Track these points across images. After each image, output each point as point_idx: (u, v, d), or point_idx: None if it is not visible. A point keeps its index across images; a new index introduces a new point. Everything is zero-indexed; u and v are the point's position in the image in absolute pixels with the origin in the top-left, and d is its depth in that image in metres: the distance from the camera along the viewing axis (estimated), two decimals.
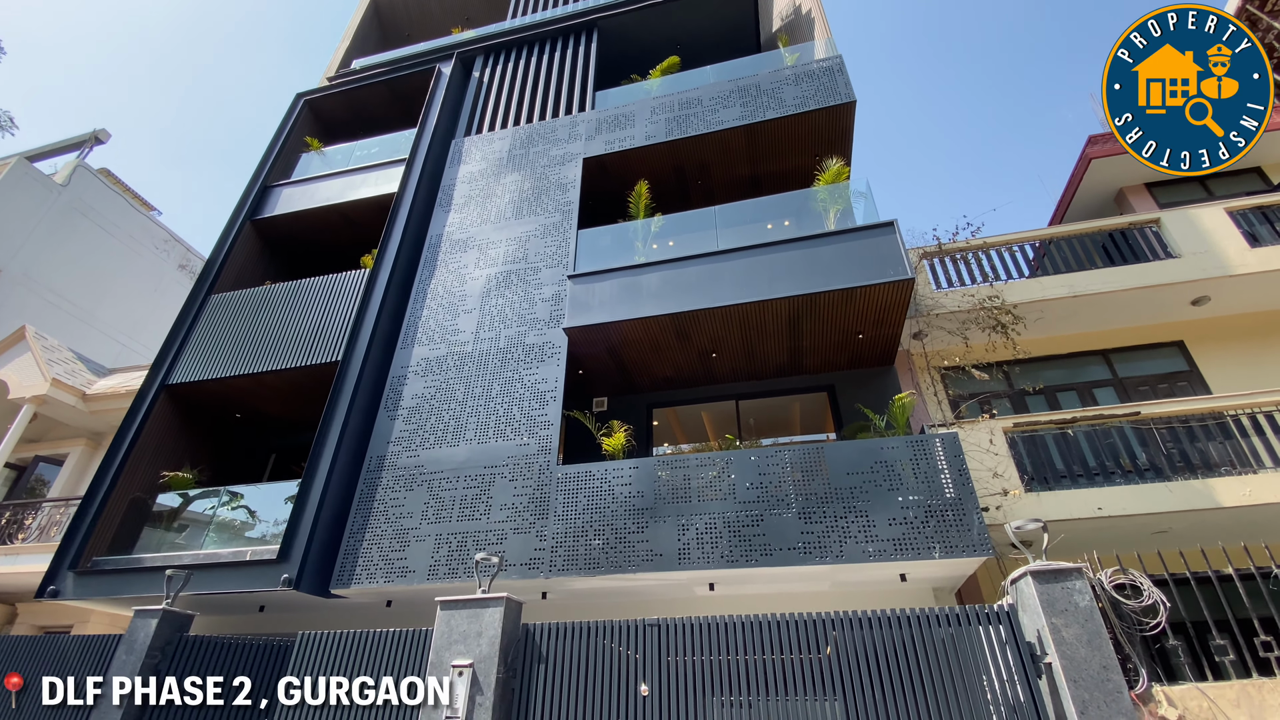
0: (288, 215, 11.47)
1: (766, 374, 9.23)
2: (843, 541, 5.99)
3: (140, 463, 9.14)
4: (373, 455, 8.00)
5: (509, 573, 6.64)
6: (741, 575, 6.39)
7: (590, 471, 7.04)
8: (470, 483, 7.38)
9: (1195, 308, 8.84)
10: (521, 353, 8.30)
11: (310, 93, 13.71)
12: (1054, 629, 3.99)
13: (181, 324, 10.16)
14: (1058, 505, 6.47)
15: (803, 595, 6.99)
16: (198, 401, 9.89)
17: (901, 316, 7.90)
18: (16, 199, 18.03)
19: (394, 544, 7.18)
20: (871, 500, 6.15)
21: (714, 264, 8.14)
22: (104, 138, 21.04)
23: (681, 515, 6.51)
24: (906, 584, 6.48)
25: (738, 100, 10.02)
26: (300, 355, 9.11)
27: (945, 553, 5.71)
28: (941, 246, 9.52)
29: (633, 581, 6.65)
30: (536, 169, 10.40)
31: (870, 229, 7.77)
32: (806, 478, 6.44)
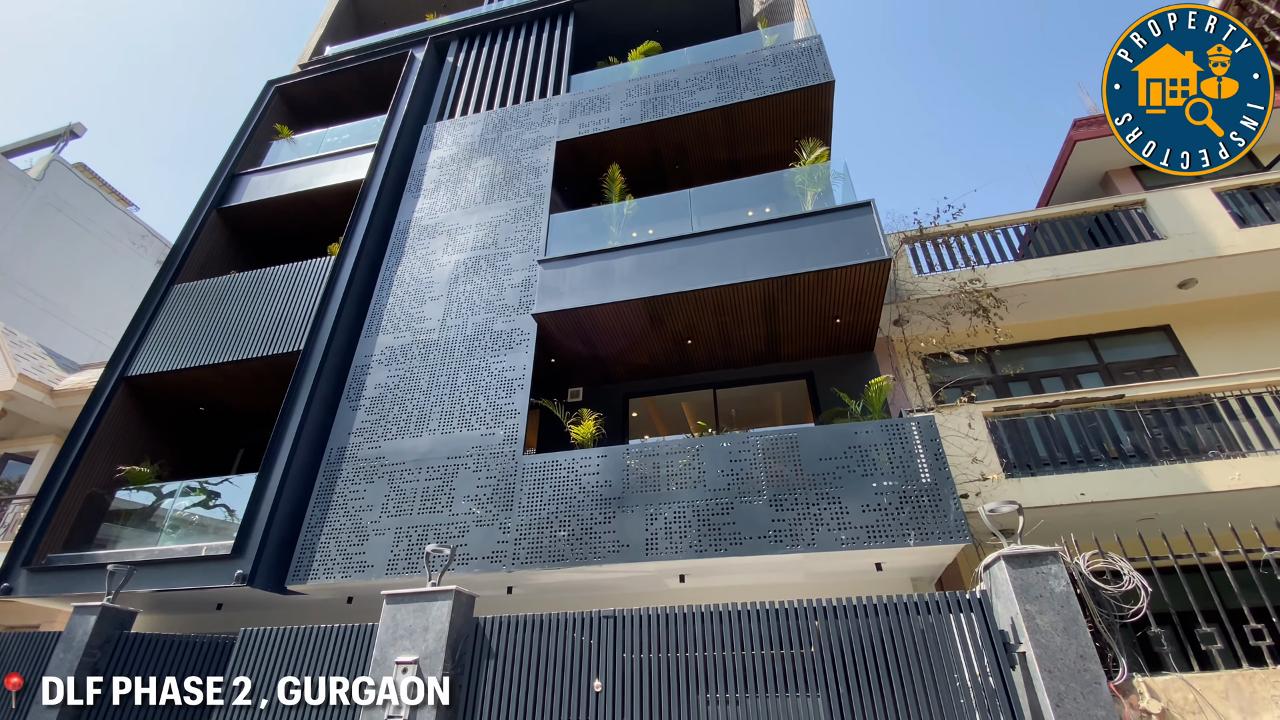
0: (255, 203, 11.16)
1: (744, 362, 8.97)
2: (815, 529, 5.74)
3: (98, 457, 8.82)
4: (333, 447, 7.71)
5: (471, 566, 6.36)
6: (712, 566, 6.13)
7: (557, 461, 6.77)
8: (433, 474, 7.10)
9: (1182, 291, 8.62)
10: (489, 340, 8.01)
11: (281, 80, 13.37)
12: (1028, 616, 3.74)
13: (142, 315, 9.84)
14: (1039, 491, 6.23)
15: (776, 587, 6.73)
16: (159, 394, 9.56)
17: (880, 300, 7.65)
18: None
19: (352, 538, 6.89)
20: (845, 487, 5.90)
21: (687, 247, 7.87)
22: (79, 131, 20.64)
23: (650, 505, 6.25)
24: (883, 574, 6.23)
25: (714, 82, 9.76)
26: (262, 345, 8.80)
27: (920, 540, 5.45)
28: (923, 230, 9.28)
29: (600, 574, 6.38)
30: (509, 153, 10.11)
31: (847, 209, 7.52)
32: (779, 464, 6.18)
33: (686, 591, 6.81)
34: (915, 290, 8.72)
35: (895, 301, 8.68)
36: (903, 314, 8.73)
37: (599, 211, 8.97)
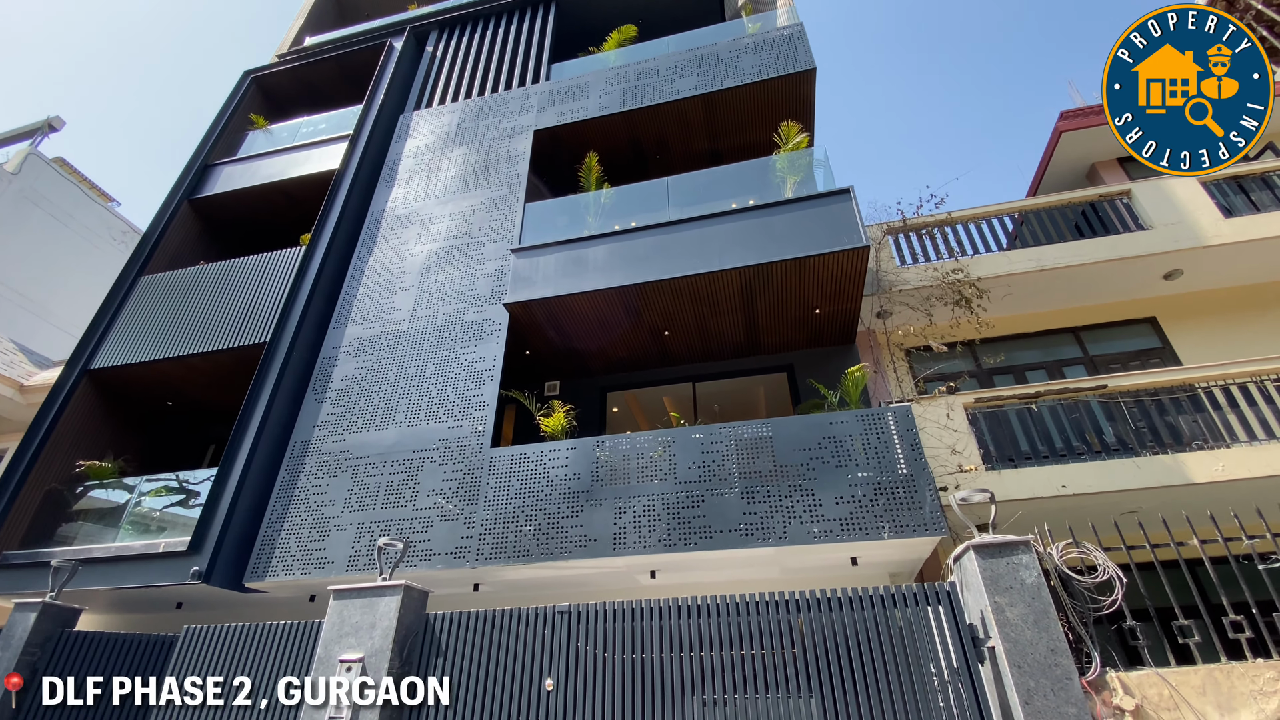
0: (227, 194, 10.92)
1: (723, 354, 8.78)
2: (787, 522, 5.55)
3: (58, 453, 8.56)
4: (297, 440, 7.48)
5: (434, 562, 6.14)
6: (683, 561, 5.93)
7: (525, 454, 6.56)
8: (397, 468, 6.87)
9: (1168, 282, 8.48)
10: (459, 331, 7.80)
11: (258, 70, 13.13)
12: (997, 609, 3.55)
13: (108, 307, 9.57)
14: (1019, 483, 6.06)
15: (751, 583, 6.54)
16: (124, 388, 9.31)
17: (859, 289, 7.48)
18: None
19: (314, 533, 6.66)
20: (819, 478, 5.71)
21: (663, 235, 7.68)
22: (58, 125, 20.31)
23: (619, 498, 6.05)
24: (859, 569, 6.04)
25: (695, 70, 9.58)
26: (228, 337, 8.56)
27: (895, 532, 5.27)
28: (906, 221, 9.12)
29: (568, 570, 6.17)
30: (485, 142, 9.90)
31: (825, 196, 7.35)
32: (751, 456, 5.99)
33: (658, 588, 6.61)
34: (898, 281, 8.56)
35: (877, 293, 8.52)
36: (885, 306, 8.56)
37: (575, 200, 8.78)
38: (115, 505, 8.12)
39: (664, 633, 4.21)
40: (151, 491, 7.99)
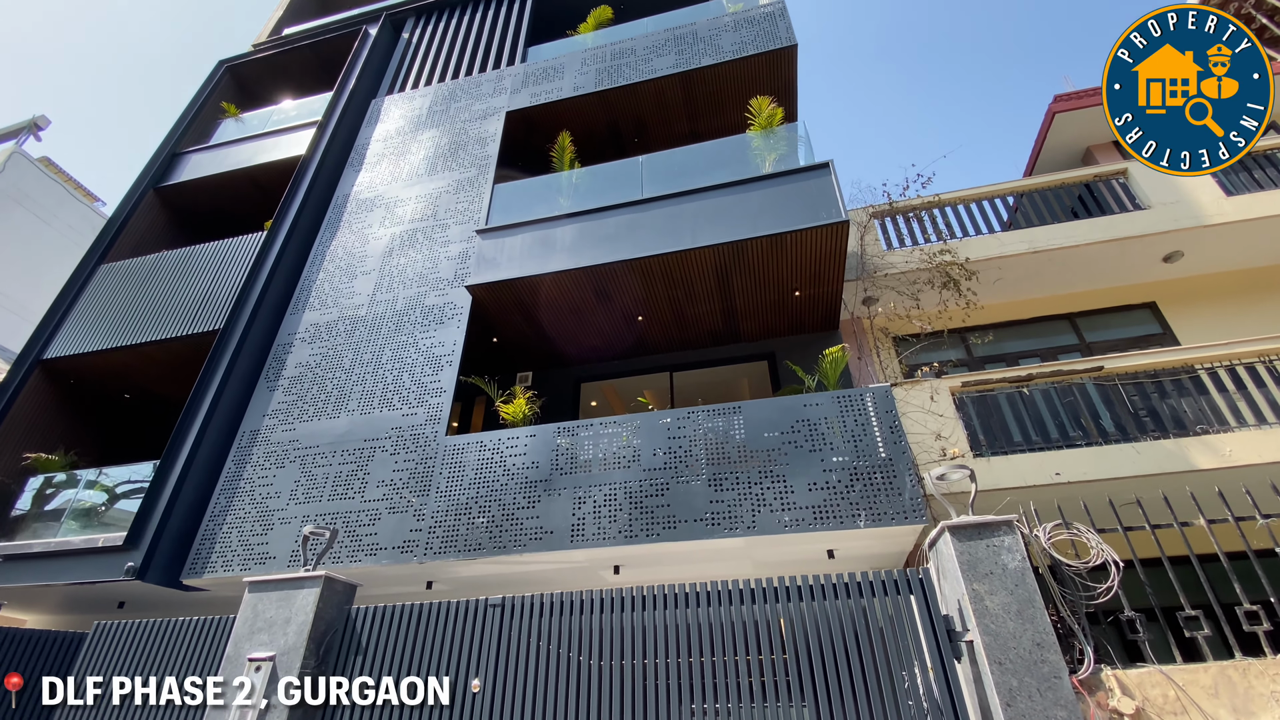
0: (194, 181, 10.58)
1: (702, 342, 8.37)
2: (756, 511, 5.11)
3: (7, 446, 8.17)
4: (245, 430, 7.07)
5: (379, 557, 5.71)
6: (647, 555, 5.50)
7: (481, 442, 6.14)
8: (347, 457, 6.46)
9: (1168, 265, 8.07)
10: (419, 315, 7.40)
11: (233, 59, 12.83)
12: (975, 597, 3.12)
13: (65, 296, 9.21)
14: (1010, 470, 5.62)
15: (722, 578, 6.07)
16: (79, 379, 8.92)
17: (840, 270, 7.07)
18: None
19: (257, 527, 6.24)
20: (791, 464, 5.28)
21: (633, 214, 7.30)
22: (43, 124, 20.03)
23: (579, 487, 5.62)
24: (836, 562, 5.60)
25: (673, 48, 9.23)
26: (182, 325, 8.18)
27: (872, 520, 4.83)
28: (892, 204, 8.73)
29: (524, 565, 5.74)
30: (456, 124, 9.55)
31: (803, 172, 6.95)
32: (720, 441, 5.56)
33: (623, 584, 6.15)
34: (883, 265, 8.16)
35: (862, 278, 8.11)
36: (870, 291, 8.16)
37: (547, 181, 8.40)
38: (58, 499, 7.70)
39: (612, 629, 3.78)
40: (98, 485, 7.57)
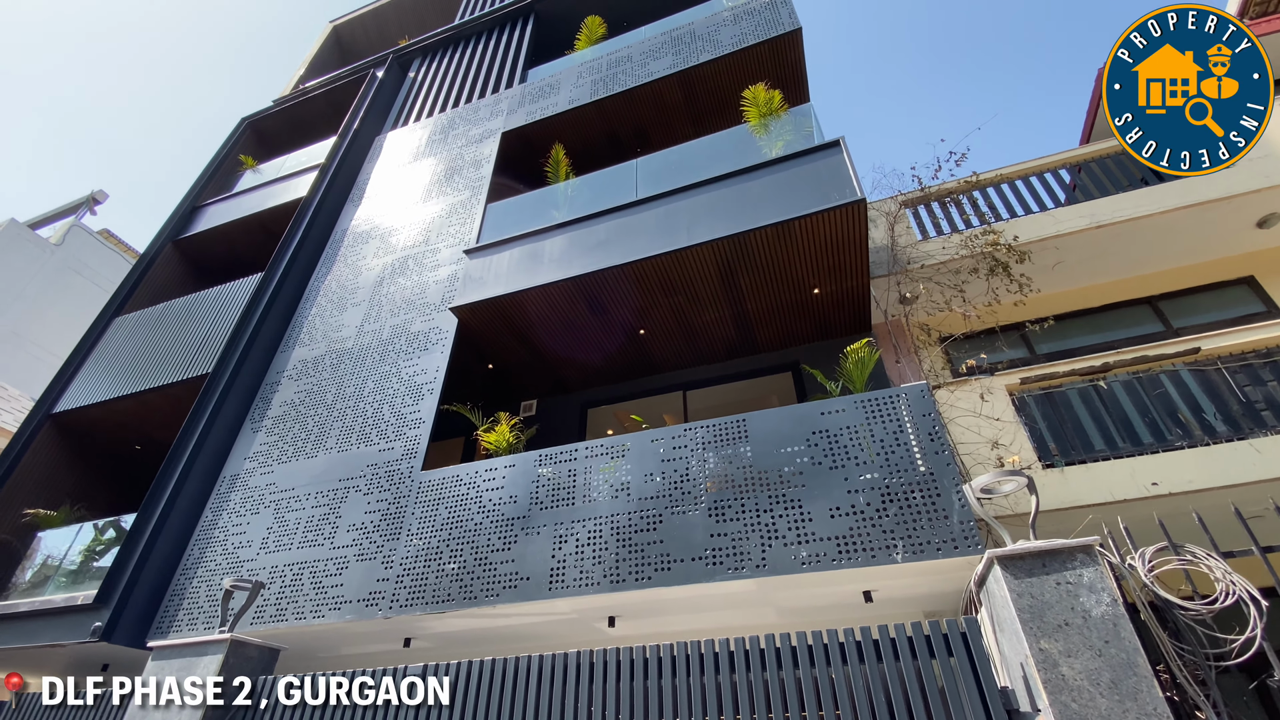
0: (209, 231, 10.67)
1: (716, 356, 7.53)
2: (766, 544, 4.19)
3: (15, 501, 8.06)
4: (226, 475, 6.64)
5: (343, 611, 5.04)
6: (641, 602, 4.62)
7: (457, 476, 5.47)
8: (321, 500, 5.90)
9: (1264, 231, 6.78)
10: (404, 343, 6.90)
11: (254, 115, 13.20)
12: (1045, 661, 2.14)
13: (79, 350, 9.23)
14: (1090, 483, 4.50)
15: (741, 629, 5.10)
16: (88, 431, 8.83)
17: (863, 259, 6.17)
18: (8, 260, 18.21)
19: (226, 580, 5.69)
20: (809, 485, 4.35)
21: (626, 217, 6.65)
22: (100, 198, 21.45)
23: (560, 523, 4.83)
24: (876, 606, 4.56)
25: (670, 50, 8.71)
26: (179, 370, 7.96)
27: (911, 553, 3.83)
28: (925, 190, 7.78)
29: (504, 618, 4.94)
30: (453, 150, 9.26)
31: (809, 154, 6.16)
32: (722, 461, 4.69)
33: (622, 639, 5.27)
34: (920, 256, 7.19)
35: (895, 272, 7.16)
36: (907, 288, 7.17)
37: (540, 196, 7.89)
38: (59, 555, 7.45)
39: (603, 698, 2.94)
40: (90, 540, 7.28)
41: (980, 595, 2.65)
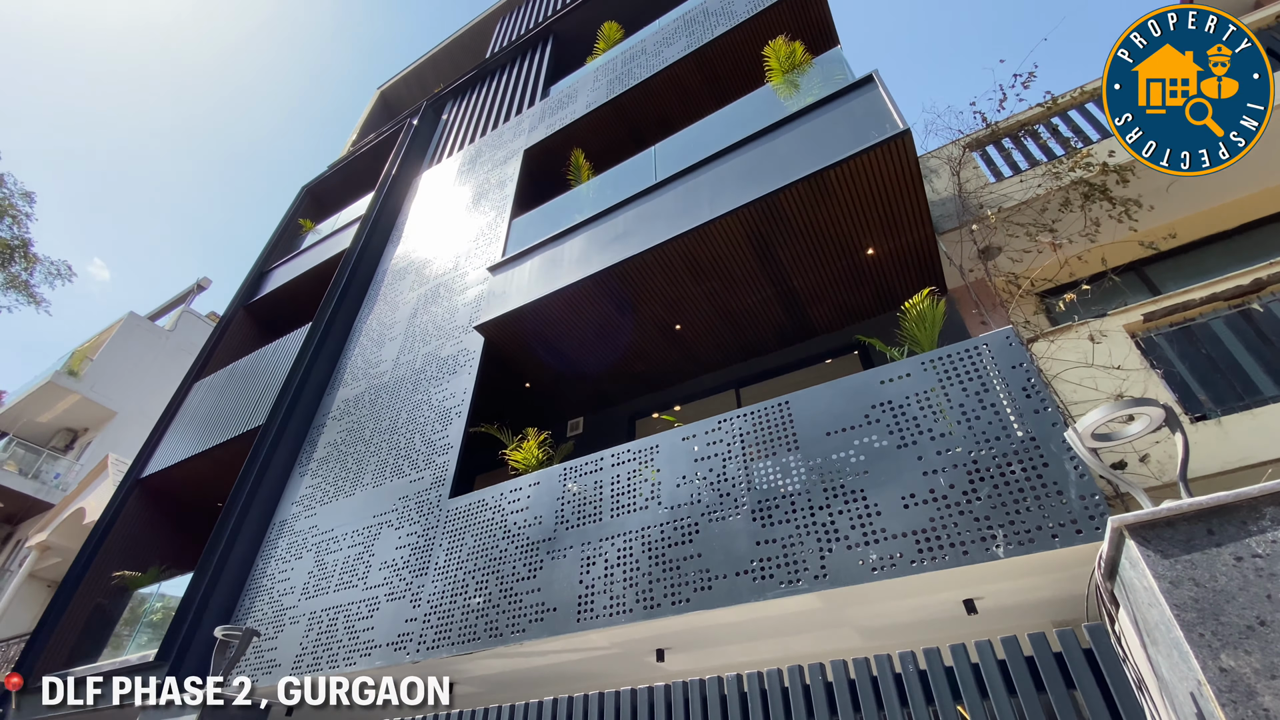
0: (274, 292, 11.18)
1: (767, 345, 6.74)
2: (825, 549, 3.37)
3: (108, 566, 8.49)
4: (276, 521, 6.57)
5: (374, 657, 4.65)
6: (689, 630, 3.89)
7: (483, 501, 5.00)
8: (356, 539, 5.62)
9: None
10: (435, 369, 6.63)
11: (311, 182, 13.96)
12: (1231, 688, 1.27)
13: (165, 417, 9.79)
14: (1263, 434, 3.36)
15: (816, 655, 4.23)
16: (171, 492, 9.25)
17: (920, 203, 5.25)
18: (128, 349, 20.26)
19: (270, 629, 5.51)
20: (872, 471, 3.50)
21: (643, 204, 6.11)
22: (205, 284, 23.64)
23: (588, 542, 4.22)
24: (982, 618, 3.58)
25: (683, 34, 8.22)
26: (239, 425, 8.15)
27: (1016, 544, 2.90)
28: (993, 126, 6.72)
29: (536, 656, 4.36)
30: (480, 176, 9.16)
31: (839, 96, 5.38)
32: (764, 453, 3.92)
33: (677, 674, 4.52)
34: (997, 200, 6.13)
35: (967, 224, 6.13)
36: (985, 238, 6.11)
37: (561, 203, 7.51)
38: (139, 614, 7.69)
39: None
40: (165, 599, 7.46)
41: (1112, 590, 1.78)
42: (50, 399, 18.77)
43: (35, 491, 17.44)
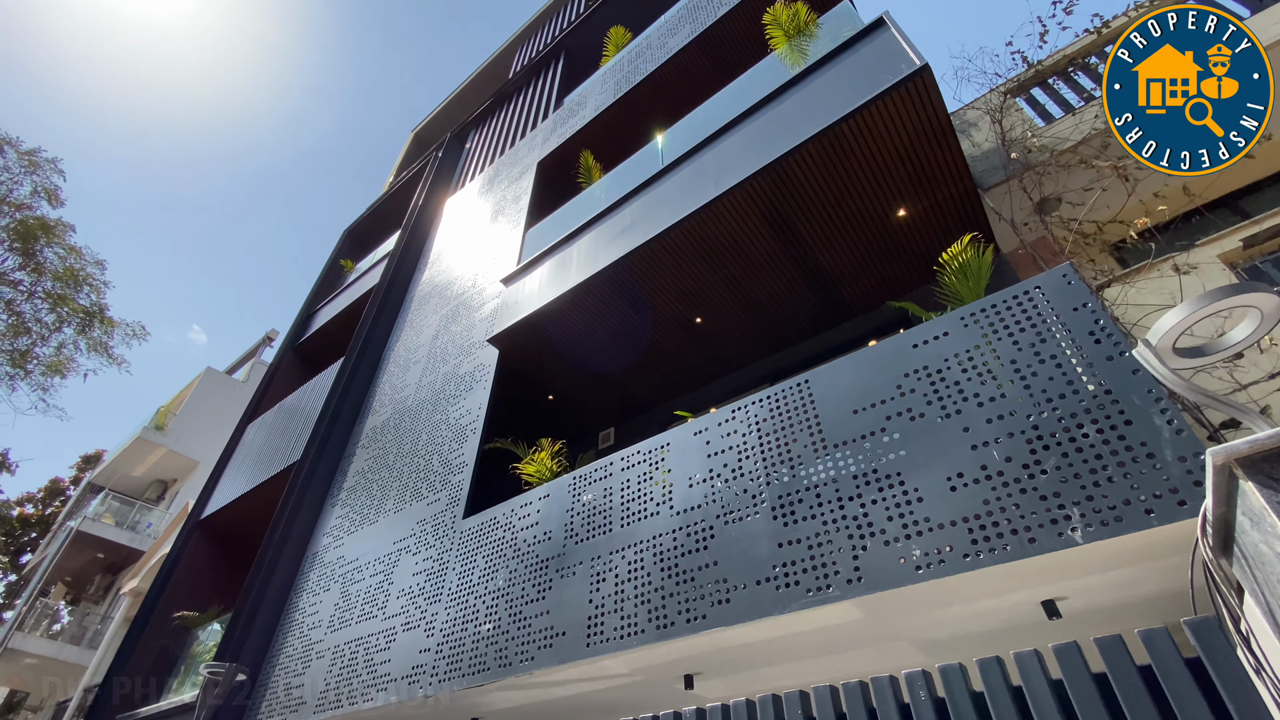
0: (316, 332, 11.47)
1: (800, 333, 6.17)
2: (858, 546, 2.81)
3: (174, 606, 8.70)
4: (309, 554, 6.48)
5: (390, 692, 4.35)
6: (706, 653, 3.38)
7: (494, 519, 4.67)
8: (378, 567, 5.40)
9: None
10: (453, 387, 6.44)
11: (351, 225, 14.42)
12: None
13: (223, 460, 10.10)
14: None
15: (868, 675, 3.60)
16: (227, 531, 9.45)
17: (953, 148, 4.63)
18: (207, 401, 21.51)
19: (298, 665, 5.34)
20: (909, 450, 2.93)
21: (648, 193, 5.75)
22: (273, 336, 24.95)
23: (597, 556, 3.79)
24: (1068, 621, 2.90)
25: (686, 22, 7.90)
26: (281, 461, 8.23)
27: (1098, 525, 2.28)
28: (1036, 66, 6.01)
29: (552, 687, 3.93)
30: (497, 194, 9.08)
31: (847, 47, 4.87)
32: (783, 439, 3.40)
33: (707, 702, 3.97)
34: (1050, 144, 5.41)
35: (1017, 174, 5.44)
36: (1038, 188, 5.37)
37: (571, 207, 7.24)
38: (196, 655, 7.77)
39: None
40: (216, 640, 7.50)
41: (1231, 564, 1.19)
42: (141, 453, 20.07)
43: (131, 541, 18.59)
